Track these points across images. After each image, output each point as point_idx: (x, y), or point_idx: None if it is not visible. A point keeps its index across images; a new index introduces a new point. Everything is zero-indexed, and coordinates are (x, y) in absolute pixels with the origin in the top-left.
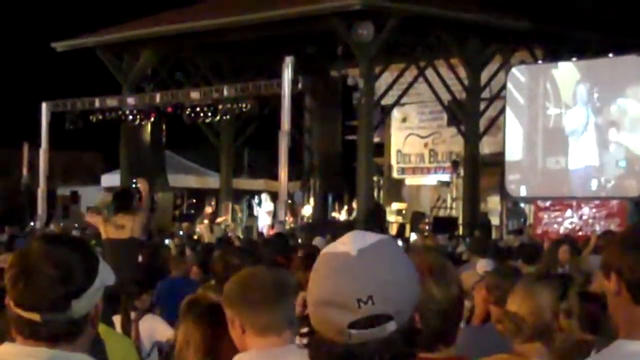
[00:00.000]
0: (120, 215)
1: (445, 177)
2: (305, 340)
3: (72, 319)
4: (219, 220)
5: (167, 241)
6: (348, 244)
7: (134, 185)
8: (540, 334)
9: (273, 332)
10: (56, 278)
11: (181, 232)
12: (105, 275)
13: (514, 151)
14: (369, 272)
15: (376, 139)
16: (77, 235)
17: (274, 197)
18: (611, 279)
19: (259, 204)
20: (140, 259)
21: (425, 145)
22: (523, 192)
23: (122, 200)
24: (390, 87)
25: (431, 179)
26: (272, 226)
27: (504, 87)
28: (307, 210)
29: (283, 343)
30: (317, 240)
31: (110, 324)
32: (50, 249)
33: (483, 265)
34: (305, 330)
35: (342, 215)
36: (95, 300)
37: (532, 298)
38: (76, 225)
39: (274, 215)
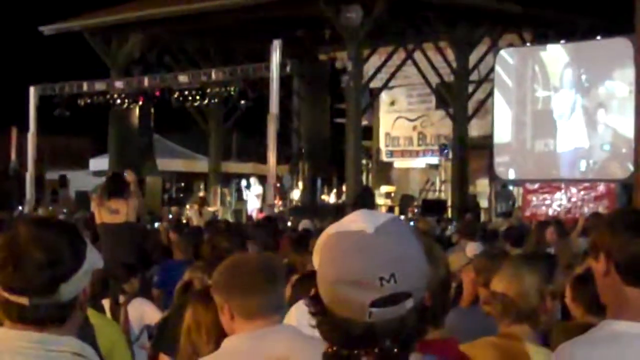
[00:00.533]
0: (114, 200)
1: (434, 160)
2: (314, 321)
3: (61, 302)
4: (210, 208)
5: (156, 224)
6: (361, 222)
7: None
8: (528, 315)
9: (261, 317)
10: (44, 262)
11: (170, 216)
12: (94, 259)
13: (502, 134)
14: (389, 249)
15: (365, 122)
16: (64, 219)
17: (263, 180)
18: (600, 260)
19: (248, 187)
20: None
21: (414, 128)
22: (512, 174)
23: (115, 185)
24: (378, 70)
25: (420, 162)
26: (261, 210)
27: (492, 69)
28: (296, 194)
29: (271, 326)
30: (304, 223)
31: (100, 308)
32: (39, 232)
33: (472, 248)
34: (314, 309)
35: (331, 199)
36: (84, 284)
37: (519, 280)
38: (64, 210)
39: (264, 198)
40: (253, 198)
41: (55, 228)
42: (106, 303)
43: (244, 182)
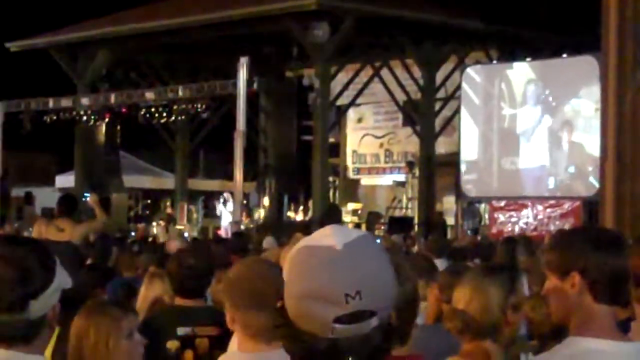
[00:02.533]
0: (61, 220)
1: (401, 177)
2: (278, 333)
3: (30, 320)
4: (178, 227)
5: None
6: (331, 237)
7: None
8: (490, 331)
9: (262, 337)
10: (14, 279)
11: (133, 233)
12: (63, 278)
13: (469, 151)
14: (357, 266)
15: (331, 140)
16: (30, 236)
17: None
18: (571, 279)
19: (224, 203)
20: (89, 260)
21: (381, 145)
22: (479, 192)
23: (65, 205)
24: (345, 87)
25: (387, 179)
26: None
27: (459, 87)
28: (262, 211)
29: (273, 348)
30: (267, 241)
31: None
32: (8, 250)
33: (437, 265)
34: (279, 322)
35: (298, 216)
36: (53, 302)
37: (480, 295)
38: (30, 228)
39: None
40: (227, 214)
41: (25, 246)
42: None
43: (221, 199)
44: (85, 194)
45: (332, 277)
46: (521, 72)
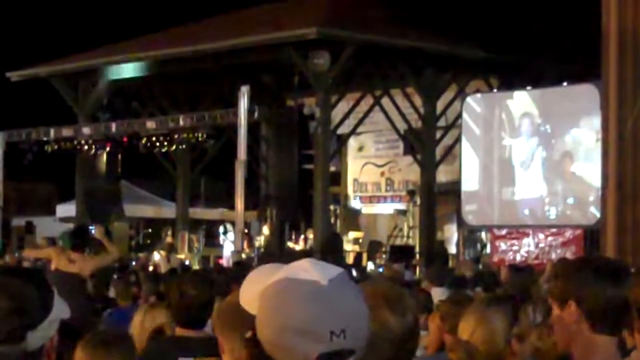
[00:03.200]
0: (74, 252)
1: (402, 206)
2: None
3: (27, 351)
4: (178, 255)
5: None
6: (313, 271)
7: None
8: None
9: None
10: (11, 310)
11: (133, 263)
12: (61, 309)
13: (470, 182)
14: (343, 304)
15: (332, 168)
16: (30, 266)
17: None
18: (568, 308)
19: (225, 233)
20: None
21: (382, 174)
22: (480, 222)
23: (79, 239)
24: (346, 116)
25: (388, 208)
26: None
27: (459, 115)
28: (263, 240)
29: None
30: None
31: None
32: (5, 280)
33: (438, 293)
34: (253, 352)
35: (299, 245)
36: (51, 333)
37: (484, 325)
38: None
39: None
40: (229, 243)
41: (22, 276)
42: None
43: (221, 228)
44: (91, 227)
45: (319, 312)
46: (521, 102)
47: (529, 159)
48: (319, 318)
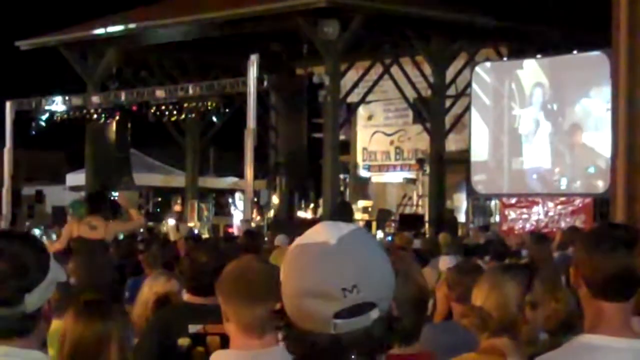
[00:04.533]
0: (93, 217)
1: (411, 175)
2: (280, 335)
3: (25, 313)
4: (189, 224)
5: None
6: (323, 233)
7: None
8: (507, 328)
9: (258, 332)
10: (9, 272)
11: (141, 230)
12: (57, 272)
13: (479, 152)
14: (351, 260)
15: (342, 137)
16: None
17: None
18: (574, 276)
19: (238, 201)
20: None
21: (391, 142)
22: (489, 191)
23: (96, 203)
24: (355, 84)
25: (397, 177)
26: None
27: (469, 84)
28: (273, 209)
29: (266, 344)
30: (279, 238)
31: None
32: (2, 243)
33: (445, 262)
34: (281, 324)
35: (308, 213)
36: (48, 296)
37: (497, 291)
38: (42, 226)
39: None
40: (239, 213)
41: (19, 239)
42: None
43: (235, 196)
44: (114, 193)
45: (327, 272)
46: (531, 72)
47: (538, 128)
48: (328, 277)
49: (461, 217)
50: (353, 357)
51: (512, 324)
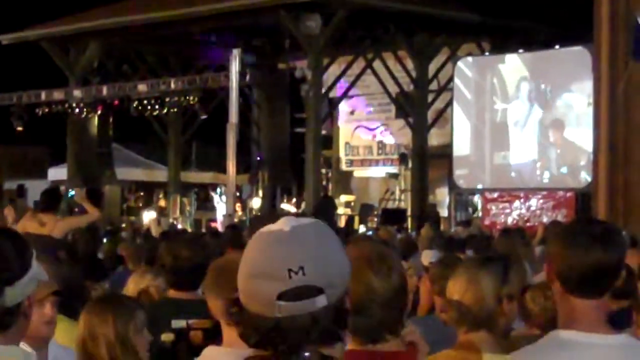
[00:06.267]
0: (44, 214)
1: (394, 169)
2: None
3: (4, 307)
4: (171, 219)
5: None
6: (281, 222)
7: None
8: (485, 321)
9: None
10: None
11: (123, 225)
12: (39, 269)
13: (461, 146)
14: (301, 244)
15: (324, 132)
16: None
17: None
18: (547, 271)
19: (221, 195)
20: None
21: (374, 137)
22: (471, 185)
23: (48, 200)
24: (338, 79)
25: (379, 171)
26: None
27: (451, 78)
28: (256, 203)
29: None
30: None
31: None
32: None
33: (428, 256)
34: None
35: (291, 208)
36: (29, 291)
37: (474, 285)
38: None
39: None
40: (222, 207)
41: (1, 233)
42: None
43: (217, 191)
44: (71, 192)
45: (275, 253)
46: (513, 66)
47: (523, 123)
48: (276, 258)
49: (444, 212)
50: (290, 344)
51: (490, 317)
